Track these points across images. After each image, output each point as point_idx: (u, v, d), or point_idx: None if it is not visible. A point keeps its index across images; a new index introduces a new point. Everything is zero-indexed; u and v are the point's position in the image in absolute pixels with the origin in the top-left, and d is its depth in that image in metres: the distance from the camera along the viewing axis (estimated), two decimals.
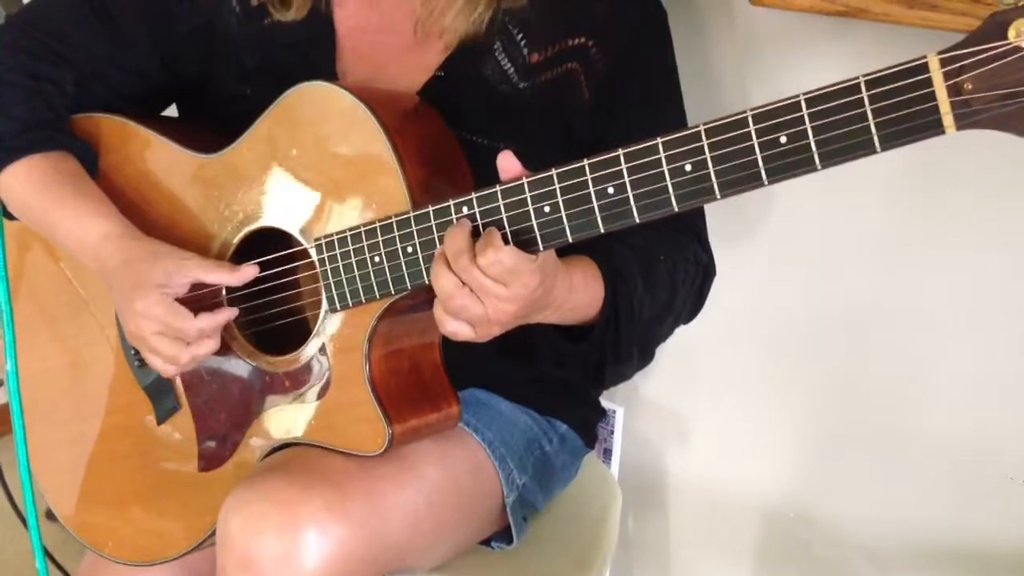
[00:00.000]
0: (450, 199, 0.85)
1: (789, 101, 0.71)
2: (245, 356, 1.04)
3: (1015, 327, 1.16)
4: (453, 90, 1.03)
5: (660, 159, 0.76)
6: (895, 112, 0.68)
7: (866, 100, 0.69)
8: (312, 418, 1.00)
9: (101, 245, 1.02)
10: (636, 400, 1.54)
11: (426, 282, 0.88)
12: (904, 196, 1.21)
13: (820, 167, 0.72)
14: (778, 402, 1.38)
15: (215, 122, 1.07)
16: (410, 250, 0.89)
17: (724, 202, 0.76)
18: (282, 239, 1.00)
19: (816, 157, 0.71)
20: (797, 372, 1.36)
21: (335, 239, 0.93)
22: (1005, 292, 1.16)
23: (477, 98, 1.04)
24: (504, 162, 0.83)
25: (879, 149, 0.69)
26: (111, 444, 1.14)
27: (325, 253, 0.94)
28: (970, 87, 0.66)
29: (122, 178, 1.10)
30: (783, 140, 0.72)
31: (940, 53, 0.67)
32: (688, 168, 0.75)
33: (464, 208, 0.85)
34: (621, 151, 0.78)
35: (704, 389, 1.47)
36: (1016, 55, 0.65)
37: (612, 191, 0.78)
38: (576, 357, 1.03)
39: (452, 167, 0.95)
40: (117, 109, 1.12)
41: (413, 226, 0.88)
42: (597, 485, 1.33)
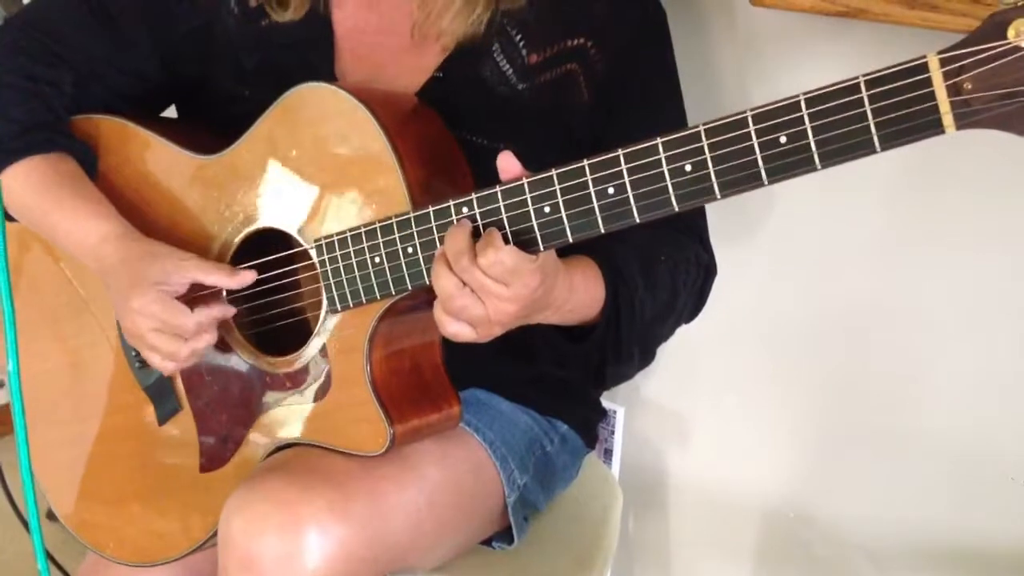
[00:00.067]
0: (450, 199, 0.85)
1: (789, 101, 0.71)
2: (246, 357, 1.04)
3: (1015, 327, 1.16)
4: (452, 91, 1.03)
5: (660, 159, 0.76)
6: (895, 112, 0.68)
7: (866, 100, 0.69)
8: (313, 418, 1.00)
9: (100, 246, 1.02)
10: (637, 400, 1.54)
11: (427, 282, 0.88)
12: (904, 196, 1.21)
13: (820, 167, 0.71)
14: (778, 402, 1.39)
15: (214, 123, 1.07)
16: (410, 250, 0.89)
17: (725, 202, 0.76)
18: (282, 240, 1.00)
19: (816, 157, 0.71)
20: (797, 372, 1.36)
21: (335, 240, 0.93)
22: (1005, 292, 1.16)
23: (476, 99, 1.04)
24: (504, 162, 0.83)
25: (879, 149, 0.69)
26: (112, 445, 1.14)
27: (325, 254, 0.94)
28: (970, 87, 0.66)
29: (122, 179, 1.09)
30: (783, 140, 0.72)
31: (940, 53, 0.67)
32: (688, 168, 0.75)
33: (464, 208, 0.85)
34: (621, 151, 0.78)
35: (705, 389, 1.47)
36: (1016, 55, 0.65)
37: (612, 191, 0.78)
38: (577, 357, 1.03)
39: (452, 167, 0.95)
40: (116, 110, 1.11)
41: (413, 227, 0.88)
42: (598, 485, 1.32)
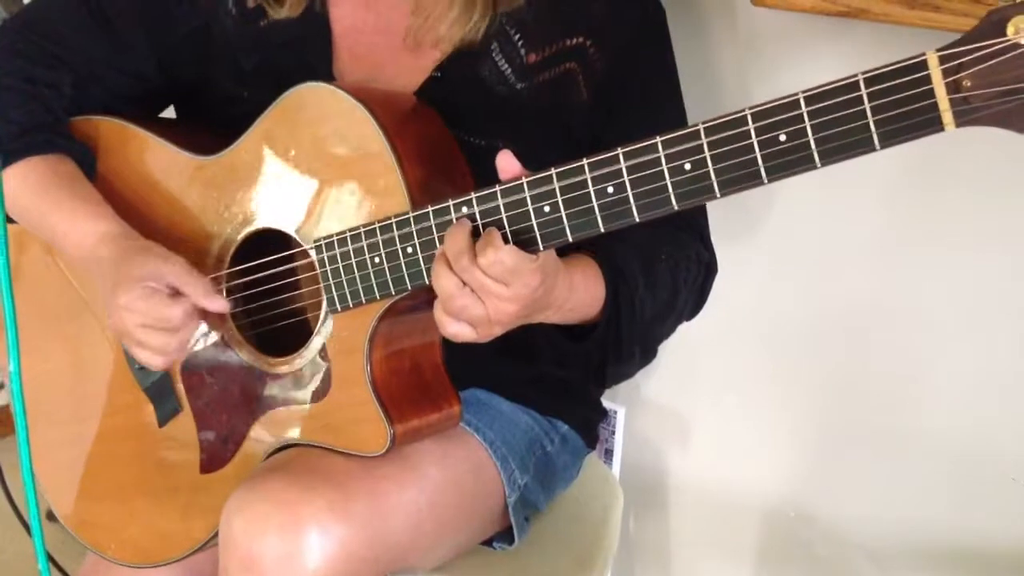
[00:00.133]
0: (449, 199, 0.85)
1: (788, 99, 0.71)
2: (246, 357, 1.04)
3: (1015, 327, 1.16)
4: (450, 91, 1.03)
5: (659, 158, 0.76)
6: (894, 110, 0.68)
7: (865, 98, 0.68)
8: (313, 419, 1.00)
9: (97, 246, 1.02)
10: (637, 400, 1.54)
11: (426, 282, 0.88)
12: (904, 194, 1.21)
13: (819, 165, 0.71)
14: (779, 402, 1.39)
15: (213, 124, 1.07)
16: (410, 250, 0.88)
17: (725, 201, 0.76)
18: (282, 240, 0.99)
19: (815, 155, 0.71)
20: (798, 372, 1.36)
21: (335, 240, 0.93)
22: (1005, 292, 1.16)
23: (474, 99, 1.04)
24: (503, 162, 0.83)
25: (878, 147, 0.69)
26: (112, 445, 1.14)
27: (325, 254, 0.94)
28: (969, 84, 0.66)
29: (121, 180, 1.09)
30: (782, 138, 0.72)
31: (939, 51, 0.67)
32: (688, 167, 0.75)
33: (464, 208, 0.84)
34: (620, 150, 0.78)
35: (705, 389, 1.47)
36: (1015, 52, 0.65)
37: (612, 190, 0.78)
38: (577, 356, 1.03)
39: (451, 167, 0.95)
40: (116, 111, 1.11)
41: (413, 226, 0.88)
42: (598, 485, 1.32)
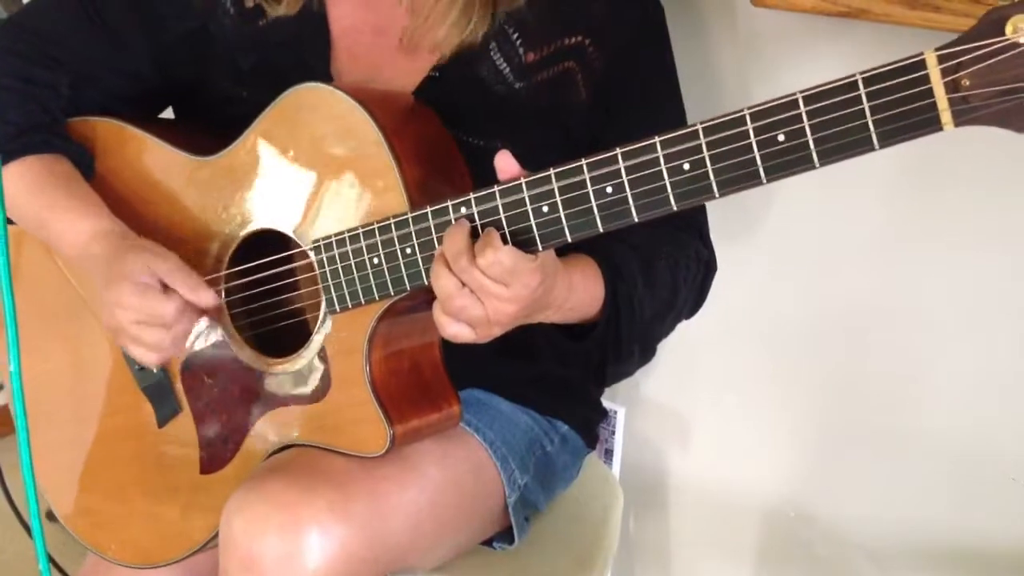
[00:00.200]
0: (448, 199, 0.85)
1: (786, 99, 0.71)
2: (245, 358, 1.04)
3: (1015, 326, 1.16)
4: (448, 90, 1.03)
5: (658, 158, 0.76)
6: (893, 109, 0.68)
7: (864, 97, 0.68)
8: (313, 419, 0.99)
9: (90, 244, 1.02)
10: (637, 400, 1.53)
11: (425, 283, 0.88)
12: (903, 194, 1.21)
13: (818, 165, 0.71)
14: (779, 402, 1.38)
15: (212, 124, 1.07)
16: (409, 251, 0.88)
17: (724, 201, 0.76)
18: (282, 240, 0.99)
19: (814, 155, 0.71)
20: (798, 372, 1.36)
21: (333, 240, 0.93)
22: (1005, 291, 1.16)
23: (473, 98, 1.03)
24: (502, 162, 0.82)
25: (877, 147, 0.69)
26: (112, 446, 1.14)
27: (324, 255, 0.94)
28: (968, 84, 0.66)
29: (120, 181, 1.09)
30: (781, 138, 0.71)
31: (938, 50, 0.67)
32: (686, 167, 0.75)
33: (462, 208, 0.84)
34: (619, 150, 0.78)
35: (705, 389, 1.47)
36: (1014, 51, 0.65)
37: (610, 190, 0.78)
38: (577, 356, 1.03)
39: (449, 167, 0.95)
40: (113, 112, 1.11)
41: (411, 227, 0.88)
42: (598, 485, 1.32)
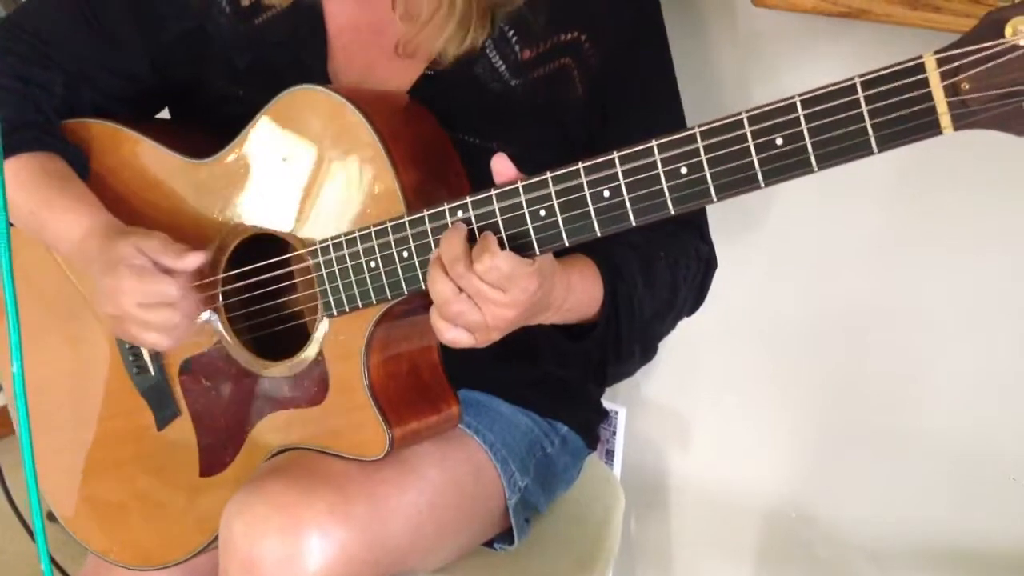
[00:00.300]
0: (445, 202, 0.85)
1: (785, 102, 0.70)
2: (243, 361, 1.04)
3: (1015, 327, 1.16)
4: (444, 89, 1.02)
5: (655, 161, 0.76)
6: (892, 113, 0.67)
7: (862, 101, 0.68)
8: (311, 423, 0.99)
9: (85, 241, 1.01)
10: (638, 401, 1.53)
11: (423, 287, 0.87)
12: (903, 195, 1.20)
13: (817, 169, 0.71)
14: (779, 403, 1.38)
15: (208, 124, 1.06)
16: (406, 255, 0.88)
17: (724, 203, 0.76)
18: (279, 243, 0.99)
19: (813, 159, 0.70)
20: (798, 373, 1.35)
21: (330, 244, 0.93)
22: (1004, 292, 1.16)
23: (468, 97, 1.02)
24: (498, 165, 0.82)
25: (876, 150, 0.69)
26: (112, 448, 1.14)
27: (320, 258, 0.94)
28: (967, 87, 0.66)
29: (115, 184, 1.09)
30: (779, 142, 0.71)
31: (937, 53, 0.66)
32: (684, 171, 0.75)
33: (459, 212, 0.84)
34: (616, 153, 0.77)
35: (706, 390, 1.47)
36: (1013, 54, 0.64)
37: (608, 194, 0.78)
38: (577, 356, 1.02)
39: (445, 167, 0.95)
40: (109, 112, 1.11)
41: (408, 230, 0.87)
42: (599, 486, 1.32)
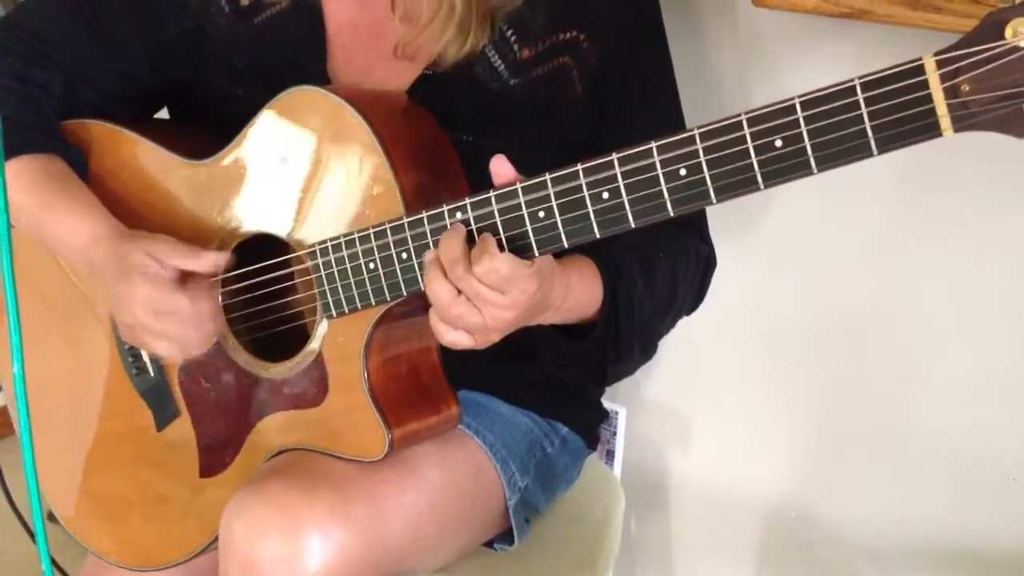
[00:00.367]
0: (444, 204, 0.85)
1: (784, 104, 0.70)
2: (243, 362, 1.03)
3: (1014, 328, 1.16)
4: (442, 89, 1.01)
5: (654, 163, 0.75)
6: (891, 115, 0.67)
7: (862, 103, 0.68)
8: (311, 424, 0.99)
9: (91, 248, 1.01)
10: (639, 401, 1.53)
11: (422, 288, 0.87)
12: (903, 197, 1.20)
13: (816, 171, 0.71)
14: (779, 403, 1.38)
15: (207, 124, 1.06)
16: (405, 256, 0.88)
17: (723, 204, 0.76)
18: (278, 244, 0.99)
19: (812, 161, 0.70)
20: (798, 373, 1.35)
21: (329, 245, 0.93)
22: (1004, 293, 1.16)
23: (467, 96, 1.02)
24: (497, 166, 0.82)
25: (876, 152, 0.69)
26: (112, 449, 1.14)
27: (319, 259, 0.94)
28: (967, 88, 0.65)
29: (114, 185, 1.08)
30: (778, 144, 0.71)
31: (937, 54, 0.66)
32: (683, 172, 0.75)
33: (458, 214, 0.84)
34: (615, 155, 0.77)
35: (706, 390, 1.47)
36: (1014, 55, 0.64)
37: (607, 196, 0.78)
38: (576, 356, 1.02)
39: (444, 167, 0.95)
40: (107, 112, 1.11)
41: (407, 232, 0.87)
42: (600, 486, 1.32)
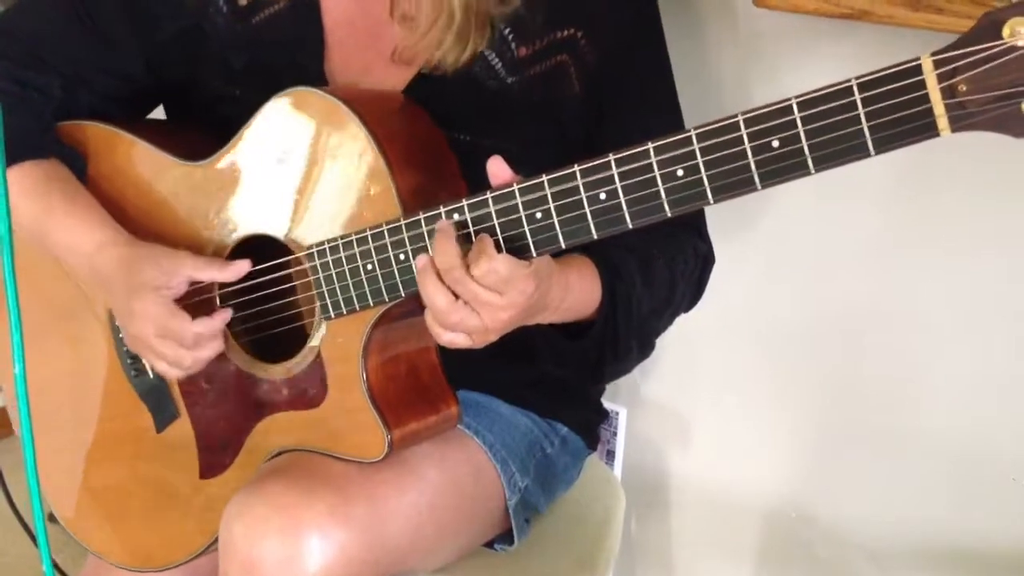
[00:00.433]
0: (440, 205, 0.84)
1: (781, 105, 0.70)
2: (242, 364, 1.03)
3: (1012, 328, 1.16)
4: (439, 88, 1.01)
5: (652, 164, 0.75)
6: (889, 115, 0.67)
7: (859, 103, 0.68)
8: (310, 425, 0.99)
9: (96, 255, 1.02)
10: (639, 402, 1.53)
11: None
12: (900, 197, 1.20)
13: (814, 171, 0.71)
14: (779, 403, 1.38)
15: (204, 123, 1.06)
16: (403, 257, 0.88)
17: (722, 204, 0.76)
18: (276, 246, 0.99)
19: (809, 161, 0.70)
20: (798, 373, 1.35)
21: (327, 247, 0.93)
22: (1002, 293, 1.16)
23: (464, 95, 1.02)
24: (494, 167, 0.82)
25: (873, 153, 0.69)
26: (112, 450, 1.14)
27: (317, 261, 0.94)
28: (965, 88, 0.65)
29: (111, 187, 1.08)
30: (775, 144, 0.71)
31: (934, 54, 0.66)
32: (680, 173, 0.75)
33: (455, 214, 0.84)
34: (612, 156, 0.77)
35: (706, 390, 1.47)
36: (1011, 55, 0.64)
37: (604, 197, 0.78)
38: (575, 355, 1.02)
39: (441, 167, 0.95)
40: (104, 113, 1.11)
41: (404, 233, 0.87)
42: (600, 487, 1.32)
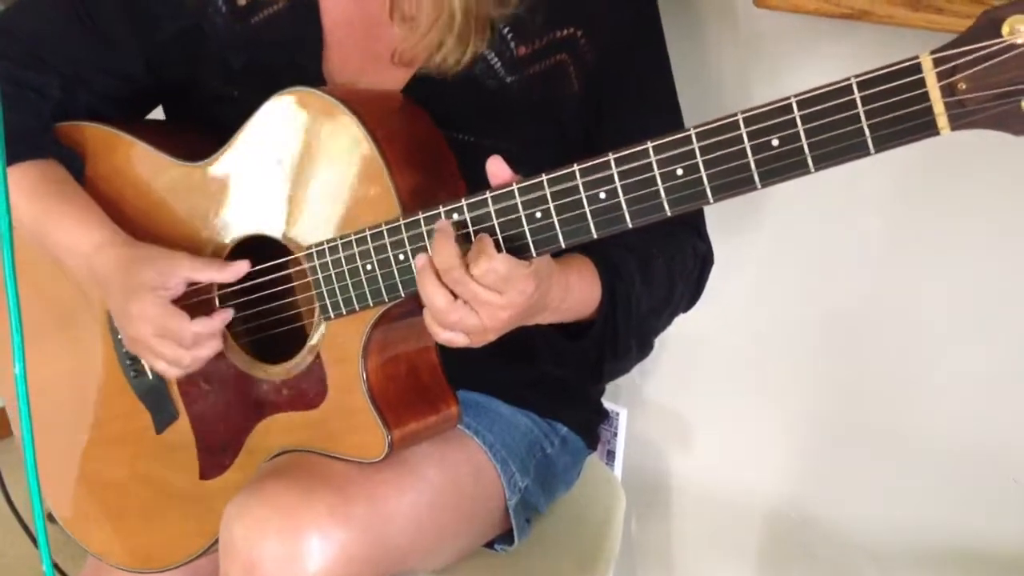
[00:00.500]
0: (440, 205, 0.84)
1: (780, 103, 0.70)
2: (241, 365, 1.03)
3: (1013, 327, 1.16)
4: (438, 88, 1.01)
5: (651, 163, 0.75)
6: (888, 113, 0.67)
7: (859, 101, 0.68)
8: (310, 426, 0.99)
9: (94, 255, 1.02)
10: (639, 402, 1.53)
11: None
12: (901, 196, 1.20)
13: (813, 170, 0.71)
14: (779, 403, 1.38)
15: (202, 123, 1.06)
16: (402, 257, 0.88)
17: (722, 203, 0.76)
18: (275, 247, 0.99)
19: (809, 160, 0.70)
20: (799, 374, 1.35)
21: (326, 247, 0.93)
22: (1004, 292, 1.15)
23: (464, 95, 1.01)
24: (493, 167, 0.82)
25: (873, 151, 0.69)
26: (112, 450, 1.14)
27: (316, 261, 0.94)
28: (964, 87, 0.65)
29: (109, 188, 1.08)
30: (775, 143, 0.71)
31: (933, 52, 0.66)
32: (680, 172, 0.74)
33: (454, 214, 0.83)
34: (612, 155, 0.77)
35: (706, 391, 1.47)
36: (1010, 53, 0.64)
37: (604, 196, 0.78)
38: (574, 355, 1.02)
39: (440, 167, 0.94)
40: (102, 113, 1.11)
41: (404, 233, 0.87)
42: (600, 487, 1.32)
